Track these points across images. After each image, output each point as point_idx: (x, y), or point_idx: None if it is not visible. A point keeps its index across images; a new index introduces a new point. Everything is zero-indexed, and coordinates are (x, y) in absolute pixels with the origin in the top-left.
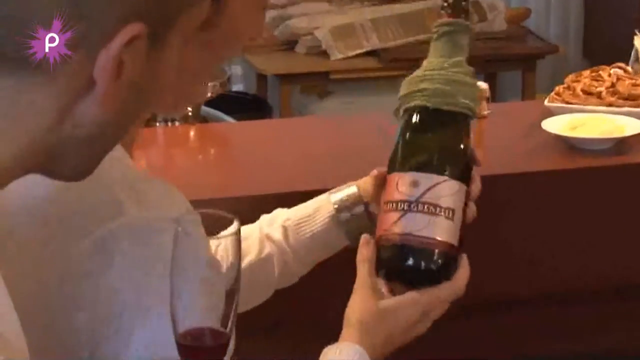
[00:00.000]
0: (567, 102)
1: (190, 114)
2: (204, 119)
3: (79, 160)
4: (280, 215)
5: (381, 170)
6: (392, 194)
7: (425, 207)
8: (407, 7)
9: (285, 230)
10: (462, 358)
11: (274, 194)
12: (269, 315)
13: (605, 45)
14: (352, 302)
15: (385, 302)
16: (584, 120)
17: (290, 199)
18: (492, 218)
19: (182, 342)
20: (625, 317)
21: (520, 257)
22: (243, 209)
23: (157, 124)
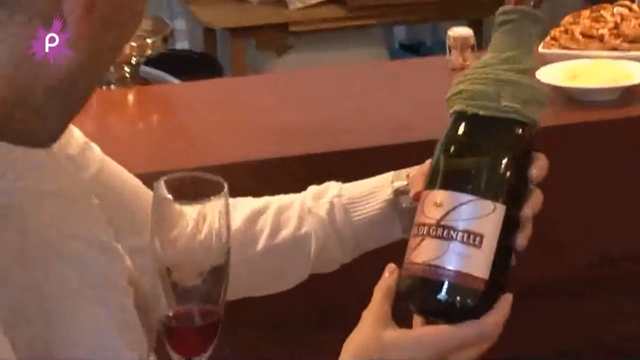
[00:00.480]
0: (565, 48)
1: (127, 74)
2: (144, 81)
3: (50, 117)
4: (331, 189)
5: None
6: (418, 216)
7: (444, 231)
8: None
9: (333, 207)
10: None
11: (228, 165)
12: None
13: None
14: (354, 332)
15: (391, 333)
16: (584, 67)
17: (246, 170)
18: None
19: (168, 324)
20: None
21: None
22: None
23: None
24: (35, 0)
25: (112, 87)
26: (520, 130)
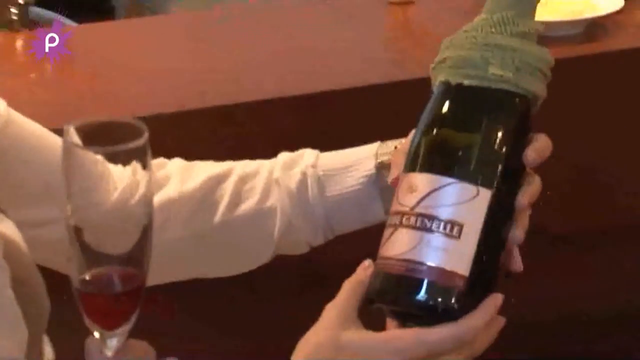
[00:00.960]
0: None
1: (15, 17)
2: (35, 24)
3: None
4: (306, 158)
5: None
6: (393, 203)
7: (419, 220)
8: None
9: (305, 179)
10: None
11: (139, 118)
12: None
13: None
14: (311, 330)
15: (351, 334)
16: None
17: (161, 123)
18: None
19: (82, 289)
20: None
21: None
22: None
23: None
24: None
25: None
26: (511, 103)
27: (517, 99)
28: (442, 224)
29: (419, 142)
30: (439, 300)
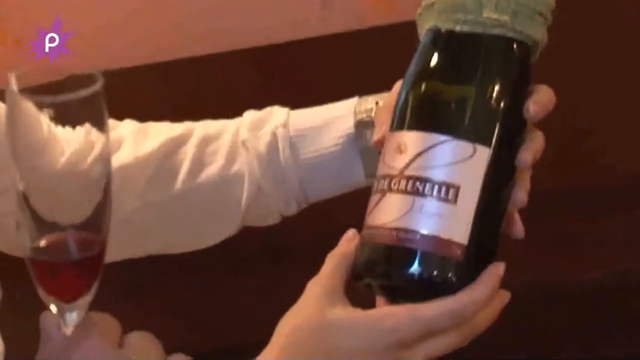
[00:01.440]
0: None
1: None
2: None
3: None
4: (275, 117)
5: None
6: (380, 166)
7: (409, 183)
8: None
9: (275, 141)
10: None
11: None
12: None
13: None
14: (293, 308)
15: (339, 312)
16: None
17: (110, 79)
18: None
19: (35, 257)
20: None
21: None
22: None
23: None
24: None
25: None
26: (509, 50)
27: (515, 45)
28: (436, 186)
29: (407, 97)
30: (435, 272)
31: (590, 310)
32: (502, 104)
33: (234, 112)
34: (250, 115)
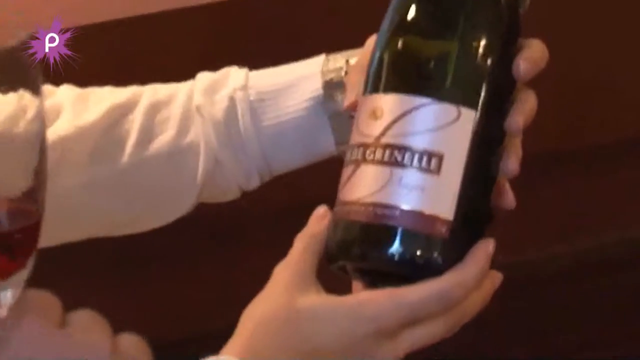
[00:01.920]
0: None
1: None
2: None
3: None
4: (232, 79)
5: None
6: (353, 134)
7: (386, 152)
8: None
9: (234, 106)
10: None
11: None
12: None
13: None
14: (259, 296)
15: (311, 299)
16: None
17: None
18: None
19: None
20: None
21: None
22: None
23: None
24: None
25: None
26: (495, 2)
27: None
28: (417, 155)
29: (382, 55)
30: (418, 252)
31: (601, 291)
32: (489, 61)
33: (183, 75)
34: (204, 77)
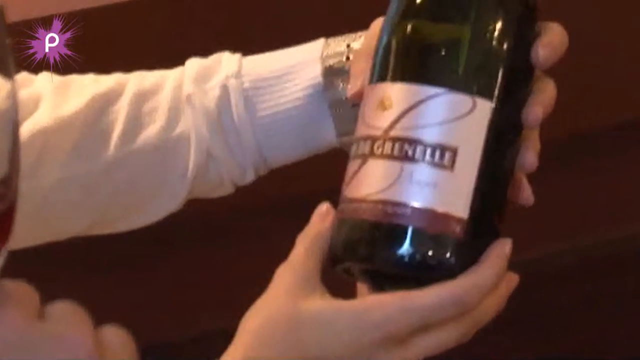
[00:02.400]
0: None
1: None
2: None
3: None
4: (225, 66)
5: None
6: (359, 125)
7: (396, 146)
8: None
9: (227, 95)
10: None
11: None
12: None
13: None
14: (261, 300)
15: (315, 304)
16: None
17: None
18: None
19: None
20: None
21: None
22: None
23: None
24: None
25: None
26: None
27: None
28: (429, 150)
29: (390, 41)
30: (430, 252)
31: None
32: (506, 47)
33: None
34: (194, 64)
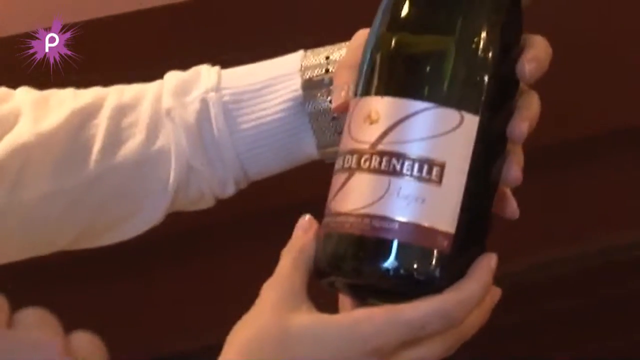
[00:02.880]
0: None
1: None
2: None
3: None
4: (204, 79)
5: None
6: (344, 139)
7: (384, 160)
8: None
9: (207, 108)
10: None
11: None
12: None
13: None
14: (246, 316)
15: (303, 318)
16: None
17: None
18: None
19: None
20: None
21: None
22: None
23: None
24: None
25: None
26: None
27: None
28: (417, 164)
29: (376, 54)
30: (416, 267)
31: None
32: (490, 61)
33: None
34: (173, 77)
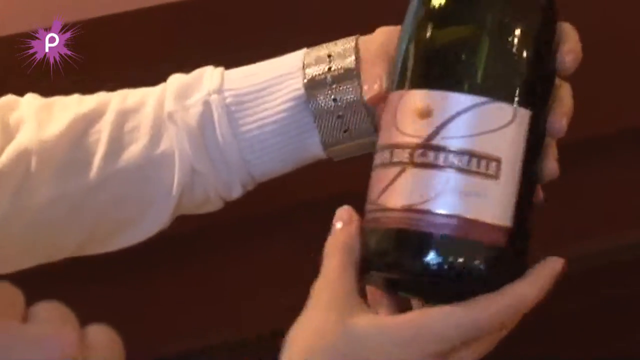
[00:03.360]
0: None
1: None
2: None
3: None
4: (206, 81)
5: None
6: (388, 133)
7: (439, 155)
8: None
9: (209, 111)
10: None
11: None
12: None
13: None
14: (299, 323)
15: (363, 321)
16: None
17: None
18: None
19: None
20: None
21: None
22: None
23: None
24: None
25: None
26: None
27: None
28: (476, 160)
29: (422, 48)
30: (478, 263)
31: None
32: (540, 53)
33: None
34: (176, 80)
